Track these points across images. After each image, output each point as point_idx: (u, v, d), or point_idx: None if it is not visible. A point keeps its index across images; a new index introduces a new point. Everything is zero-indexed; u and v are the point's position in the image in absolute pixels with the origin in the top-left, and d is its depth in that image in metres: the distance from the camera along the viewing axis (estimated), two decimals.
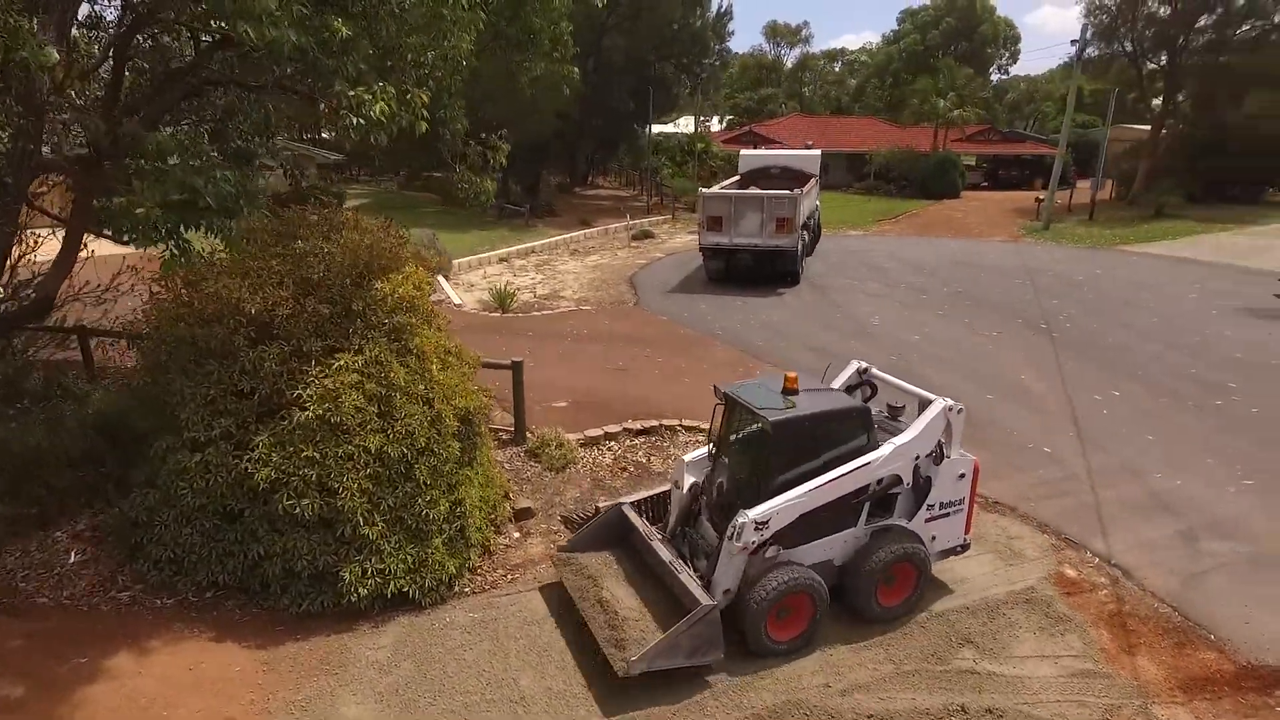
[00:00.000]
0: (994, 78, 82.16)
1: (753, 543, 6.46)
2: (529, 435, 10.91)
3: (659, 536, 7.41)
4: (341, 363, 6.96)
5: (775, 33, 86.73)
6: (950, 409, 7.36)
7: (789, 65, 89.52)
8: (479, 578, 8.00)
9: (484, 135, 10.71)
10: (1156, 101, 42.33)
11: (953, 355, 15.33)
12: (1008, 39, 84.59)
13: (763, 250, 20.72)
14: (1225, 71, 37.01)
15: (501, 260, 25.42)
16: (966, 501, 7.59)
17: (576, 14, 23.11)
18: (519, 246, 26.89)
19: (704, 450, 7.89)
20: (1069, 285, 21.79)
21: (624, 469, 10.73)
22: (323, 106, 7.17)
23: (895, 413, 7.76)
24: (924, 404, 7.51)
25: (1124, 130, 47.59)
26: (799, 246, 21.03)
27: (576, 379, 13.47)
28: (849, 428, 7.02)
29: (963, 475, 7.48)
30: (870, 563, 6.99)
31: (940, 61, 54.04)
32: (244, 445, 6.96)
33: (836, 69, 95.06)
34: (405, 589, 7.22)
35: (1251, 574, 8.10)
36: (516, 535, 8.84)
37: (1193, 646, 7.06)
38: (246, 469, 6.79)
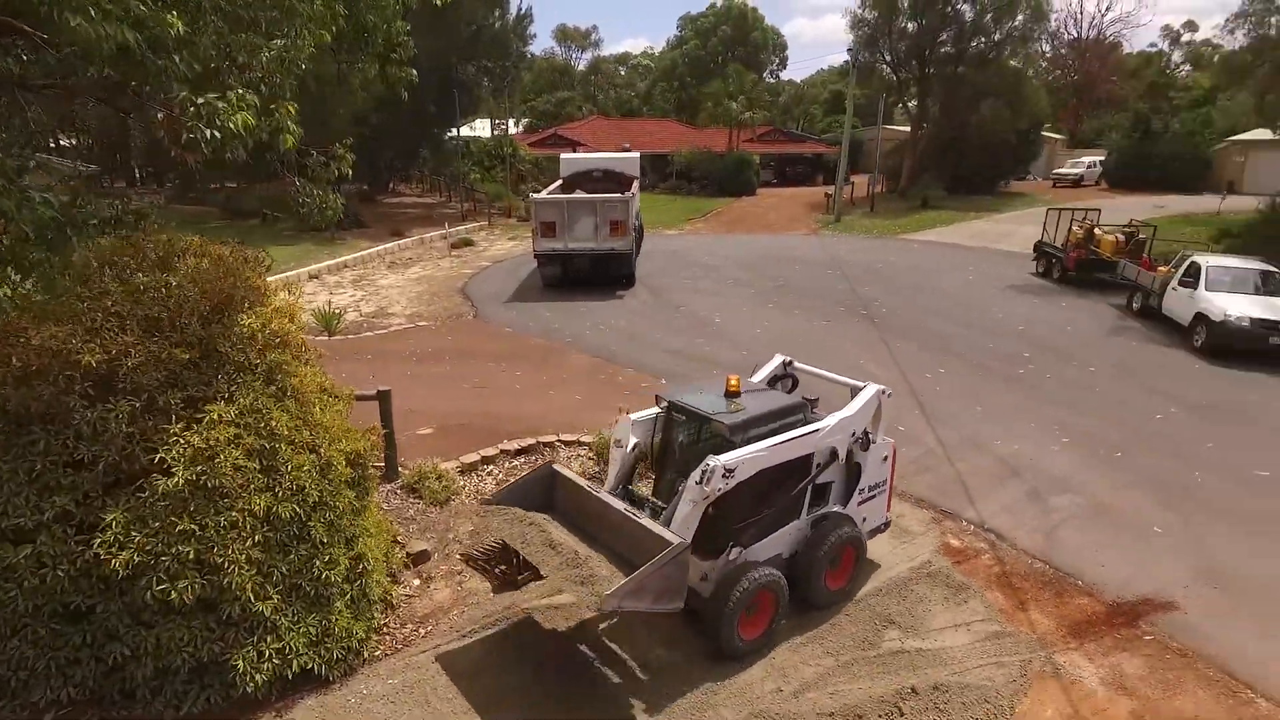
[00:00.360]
0: (767, 82, 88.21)
1: (719, 490, 6.36)
2: (402, 470, 10.02)
3: (600, 489, 7.15)
4: (214, 415, 5.88)
5: (565, 36, 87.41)
6: (882, 392, 7.87)
7: (581, 68, 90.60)
8: (387, 637, 7.17)
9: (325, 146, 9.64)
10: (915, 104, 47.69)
11: (796, 346, 16.12)
12: (776, 46, 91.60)
13: (599, 254, 20.70)
14: (963, 81, 42.55)
15: (313, 278, 23.28)
16: (888, 482, 8.19)
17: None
18: (330, 262, 24.79)
19: (646, 412, 7.77)
20: (872, 273, 23.91)
21: None
22: (159, 115, 5.99)
23: (812, 404, 7.99)
24: (854, 390, 8.00)
25: (886, 131, 53.22)
26: (633, 248, 21.24)
27: (435, 402, 12.60)
28: (793, 424, 7.29)
29: (886, 458, 8.04)
30: (819, 550, 7.27)
31: (730, 66, 57.21)
32: (89, 526, 5.68)
33: (622, 73, 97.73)
34: (309, 665, 6.29)
35: (1092, 523, 9.27)
36: (417, 583, 8.04)
37: (1069, 594, 7.93)
38: (97, 555, 5.54)
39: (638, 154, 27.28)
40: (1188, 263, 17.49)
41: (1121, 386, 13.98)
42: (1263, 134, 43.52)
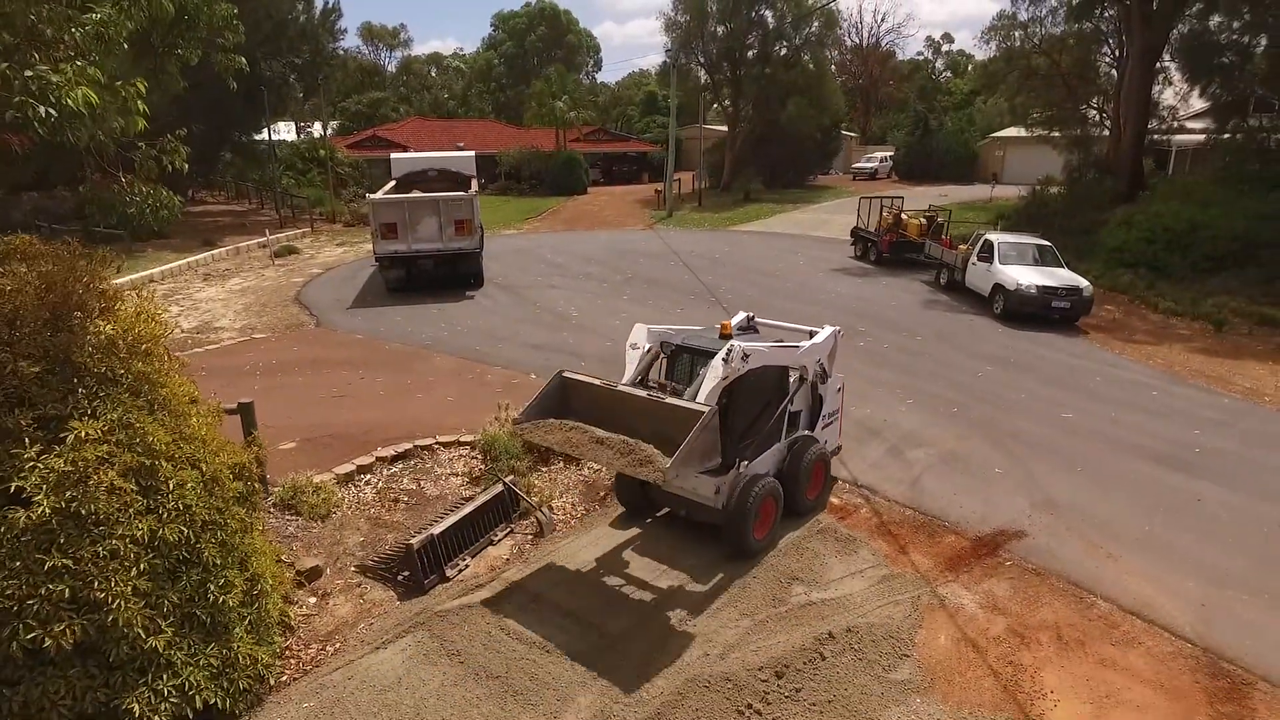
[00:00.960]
0: (583, 84, 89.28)
1: (737, 371, 7.54)
2: (273, 487, 9.23)
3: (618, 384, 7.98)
4: (80, 433, 5.14)
5: (373, 34, 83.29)
6: (836, 332, 9.56)
7: (391, 69, 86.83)
8: (292, 660, 6.63)
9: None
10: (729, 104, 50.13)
11: None
12: (590, 48, 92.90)
13: (445, 254, 20.05)
14: (771, 81, 45.40)
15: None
16: (839, 411, 9.82)
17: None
18: (133, 276, 22.07)
19: (659, 327, 8.78)
20: (712, 262, 24.99)
21: (395, 500, 9.69)
22: None
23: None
24: (812, 333, 9.44)
25: (703, 130, 55.63)
26: (481, 247, 20.77)
27: (294, 415, 11.70)
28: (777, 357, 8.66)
29: (839, 389, 9.74)
30: (801, 465, 8.66)
31: (553, 66, 57.28)
32: None
33: (433, 73, 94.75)
34: (212, 700, 5.68)
35: (946, 470, 10.35)
36: (314, 600, 7.48)
37: (939, 534, 8.82)
38: None
39: (473, 153, 26.65)
40: (982, 240, 19.86)
41: (944, 350, 15.65)
42: (1016, 132, 50.23)
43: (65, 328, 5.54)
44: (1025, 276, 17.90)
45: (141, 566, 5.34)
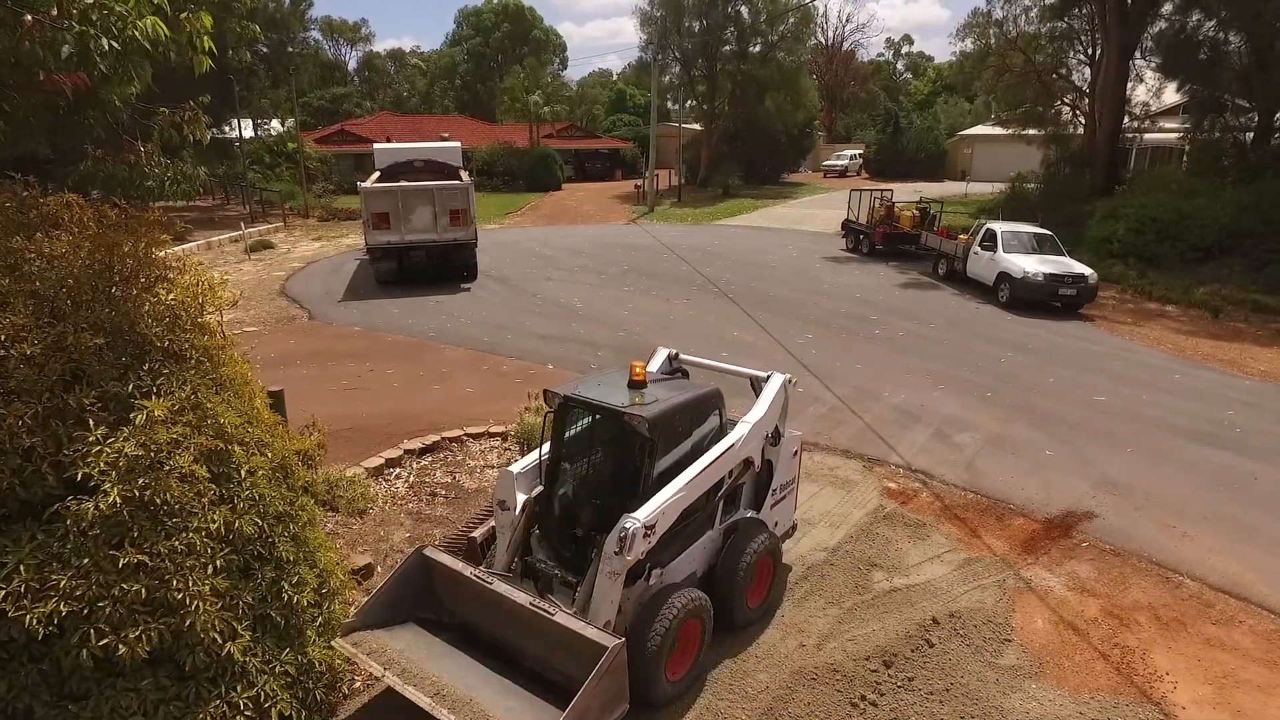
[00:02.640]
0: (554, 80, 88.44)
1: (643, 552, 5.28)
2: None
3: (493, 576, 5.58)
4: (151, 412, 4.53)
5: (333, 29, 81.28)
6: (788, 381, 7.14)
7: (352, 65, 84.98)
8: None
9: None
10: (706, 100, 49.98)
11: (667, 324, 16.21)
12: (556, 46, 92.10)
13: (440, 245, 19.34)
14: (749, 77, 45.38)
15: None
16: (796, 480, 7.42)
17: None
18: None
19: (529, 459, 6.30)
20: (706, 255, 24.67)
21: (432, 493, 9.13)
22: (28, 17, 4.52)
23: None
24: (754, 380, 7.24)
25: (673, 127, 55.41)
26: (476, 238, 20.12)
27: (307, 408, 10.94)
28: (706, 411, 6.32)
29: (796, 452, 7.28)
30: (740, 565, 6.20)
31: (526, 61, 56.53)
32: None
33: (392, 70, 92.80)
34: (287, 712, 5.10)
35: (995, 453, 10.14)
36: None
37: (1007, 517, 8.58)
38: (6, 613, 4.07)
39: (459, 144, 25.97)
40: (984, 230, 19.89)
41: (961, 337, 15.55)
42: (984, 129, 51.16)
43: (122, 297, 4.91)
44: (1031, 265, 17.93)
45: (218, 563, 4.74)
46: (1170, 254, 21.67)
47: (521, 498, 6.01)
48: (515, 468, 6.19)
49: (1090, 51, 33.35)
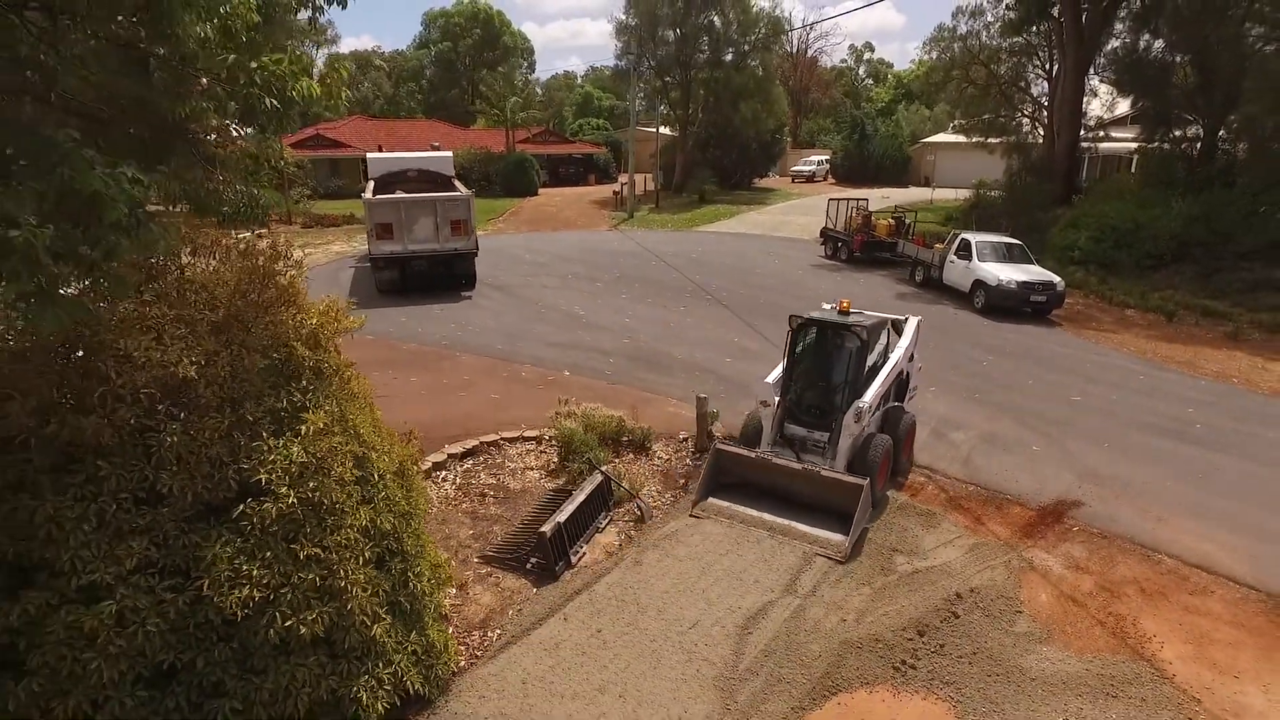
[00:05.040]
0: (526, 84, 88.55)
1: (865, 420, 9.08)
2: None
3: (769, 452, 9.33)
4: (316, 424, 5.22)
5: (301, 32, 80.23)
6: (920, 321, 11.18)
7: (319, 67, 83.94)
8: (462, 647, 6.77)
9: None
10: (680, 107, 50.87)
11: (670, 332, 17.04)
12: (524, 50, 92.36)
13: (441, 254, 19.91)
14: (722, 85, 46.44)
15: None
16: (917, 387, 11.33)
17: None
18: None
19: (774, 372, 9.90)
20: (693, 262, 25.56)
21: (482, 495, 9.84)
22: (205, 81, 5.18)
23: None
24: (896, 322, 11.14)
25: (649, 132, 56.29)
26: (477, 247, 20.71)
27: None
28: (881, 332, 10.19)
29: (920, 369, 11.33)
30: (900, 427, 9.85)
31: (504, 65, 56.75)
32: (169, 571, 4.80)
33: (353, 68, 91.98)
34: (416, 686, 5.83)
35: (989, 449, 11.19)
36: (454, 591, 7.58)
37: (1006, 506, 9.60)
38: (195, 602, 4.73)
39: (450, 153, 26.44)
40: (959, 240, 21.12)
41: (945, 341, 16.65)
42: (946, 137, 53.01)
43: (273, 321, 5.58)
44: (1004, 273, 19.19)
45: (366, 555, 5.45)
46: (1127, 261, 23.19)
47: (776, 397, 9.57)
48: (769, 378, 9.80)
49: (1048, 66, 35.14)
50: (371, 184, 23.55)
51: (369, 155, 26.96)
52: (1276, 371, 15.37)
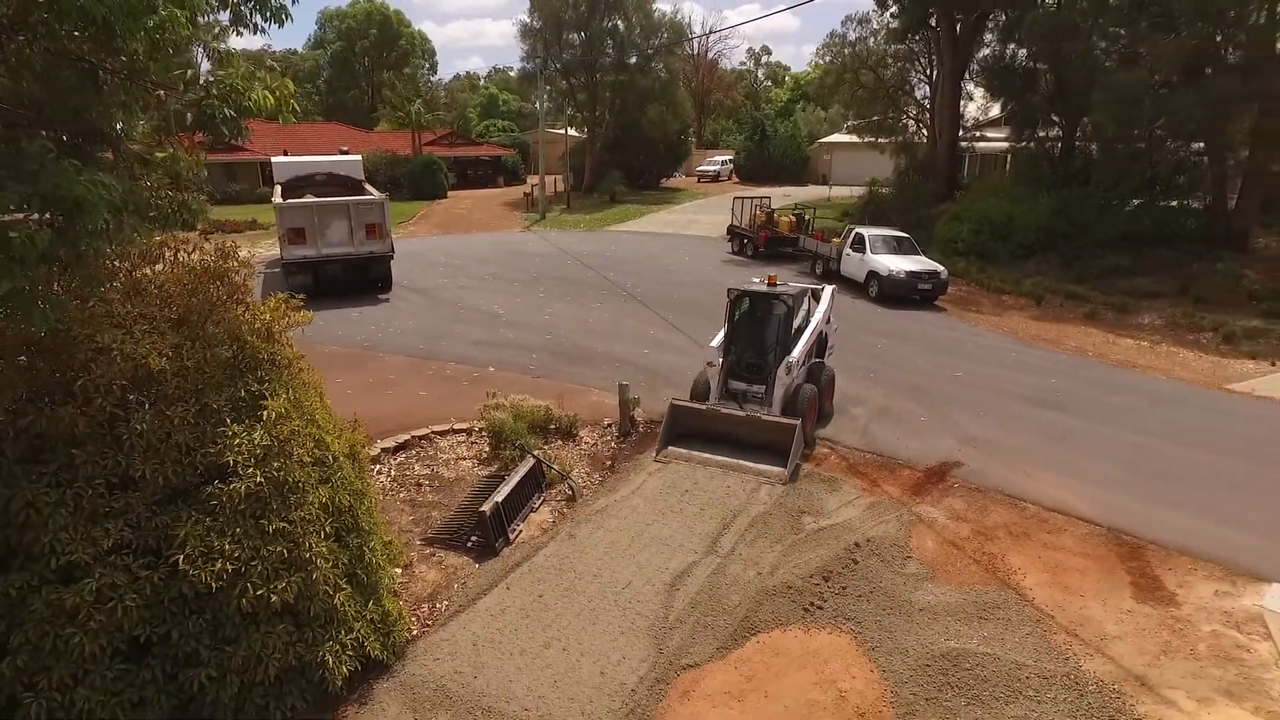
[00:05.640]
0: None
1: (795, 373, 11.07)
2: None
3: (717, 405, 11.18)
4: (277, 410, 5.66)
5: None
6: (834, 290, 13.43)
7: (205, 66, 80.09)
8: (412, 619, 7.27)
9: None
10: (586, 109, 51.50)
11: (589, 328, 17.73)
12: (425, 50, 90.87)
13: (357, 258, 19.94)
14: (628, 88, 47.43)
15: None
16: (835, 344, 13.45)
17: None
18: None
19: (717, 337, 11.79)
20: (606, 260, 26.31)
21: (418, 484, 10.31)
22: (166, 93, 5.54)
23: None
24: (815, 291, 13.09)
25: (555, 134, 56.73)
26: (393, 250, 20.80)
27: None
28: (805, 298, 12.40)
29: (837, 329, 13.52)
30: (822, 379, 11.99)
31: (409, 66, 55.83)
32: (142, 550, 5.18)
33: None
34: (375, 652, 6.34)
35: (884, 421, 12.41)
36: (399, 571, 8.05)
37: (897, 469, 10.77)
38: (170, 577, 5.13)
39: (359, 157, 26.26)
40: (854, 234, 22.70)
41: (844, 327, 17.73)
42: (841, 137, 55.76)
43: (229, 317, 5.97)
44: (895, 264, 20.82)
45: (326, 530, 5.93)
46: (1002, 251, 25.41)
47: (719, 359, 11.40)
48: (713, 342, 11.70)
49: (930, 72, 37.72)
50: (279, 188, 23.21)
51: (275, 159, 26.43)
52: (1124, 345, 17.46)
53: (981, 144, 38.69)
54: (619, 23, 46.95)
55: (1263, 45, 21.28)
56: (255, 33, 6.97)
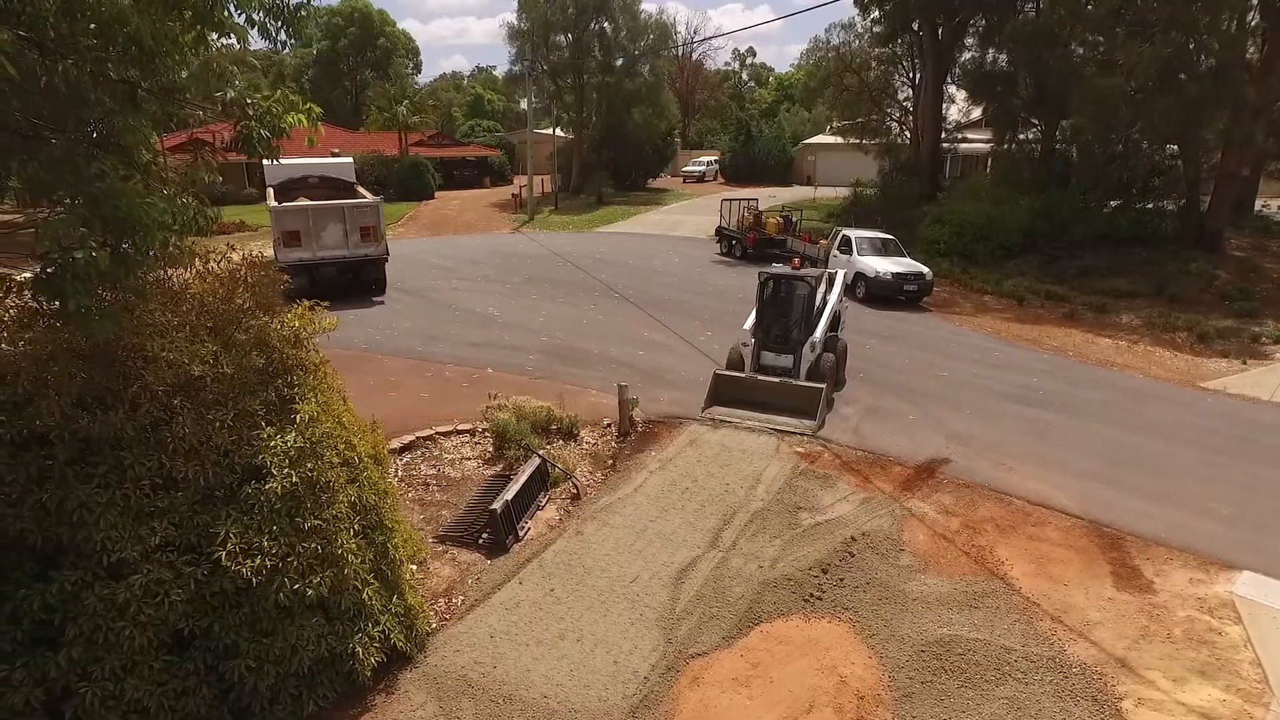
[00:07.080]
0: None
1: (818, 352, 13.05)
2: None
3: (753, 375, 13.06)
4: (307, 414, 5.95)
5: None
6: (844, 274, 15.06)
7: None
8: (430, 612, 7.57)
9: None
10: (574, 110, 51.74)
11: (583, 328, 18.04)
12: (409, 50, 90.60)
13: (351, 260, 20.11)
14: (614, 90, 47.74)
15: None
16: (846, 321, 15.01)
17: None
18: None
19: (749, 319, 13.56)
20: (597, 262, 26.61)
21: (425, 484, 10.60)
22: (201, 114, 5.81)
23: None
24: (831, 276, 14.45)
25: (542, 135, 56.88)
26: (388, 253, 20.99)
27: None
28: (823, 280, 13.91)
29: (847, 307, 15.03)
30: (837, 349, 13.63)
31: (393, 63, 55.71)
32: (185, 548, 5.45)
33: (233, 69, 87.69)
34: (400, 645, 6.64)
35: (874, 419, 12.83)
36: (414, 568, 8.33)
37: (888, 466, 11.19)
38: (213, 573, 5.41)
39: (351, 159, 26.37)
40: (840, 236, 23.17)
41: None
42: (825, 139, 56.40)
43: (258, 325, 6.24)
44: (881, 265, 21.31)
45: (355, 528, 6.22)
46: (984, 252, 25.99)
47: (751, 340, 13.20)
48: (746, 324, 13.55)
49: (913, 75, 38.36)
50: (272, 190, 23.29)
51: (266, 162, 26.40)
52: (1102, 344, 18.05)
53: (964, 145, 39.40)
54: (606, 25, 47.23)
55: (1233, 53, 21.99)
56: (281, 48, 7.26)
